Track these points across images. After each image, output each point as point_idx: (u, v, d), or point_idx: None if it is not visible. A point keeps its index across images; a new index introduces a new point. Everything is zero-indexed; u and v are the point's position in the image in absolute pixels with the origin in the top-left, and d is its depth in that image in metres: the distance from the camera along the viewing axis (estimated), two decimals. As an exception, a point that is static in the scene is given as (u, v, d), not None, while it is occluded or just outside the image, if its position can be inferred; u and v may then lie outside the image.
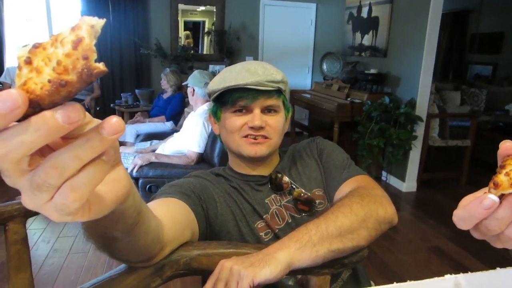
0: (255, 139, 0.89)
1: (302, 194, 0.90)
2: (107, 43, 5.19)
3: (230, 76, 0.89)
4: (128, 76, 5.40)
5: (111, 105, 4.87)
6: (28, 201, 0.28)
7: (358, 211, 0.71)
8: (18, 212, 0.89)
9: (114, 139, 0.28)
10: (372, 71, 4.09)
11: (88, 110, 4.73)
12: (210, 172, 0.98)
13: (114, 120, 0.28)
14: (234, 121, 0.90)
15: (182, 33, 5.72)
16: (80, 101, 4.64)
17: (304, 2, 5.90)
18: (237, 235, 0.87)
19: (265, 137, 0.90)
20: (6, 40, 4.96)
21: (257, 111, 0.89)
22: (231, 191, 0.91)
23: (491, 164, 3.94)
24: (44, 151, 0.28)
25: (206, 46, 5.93)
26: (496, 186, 0.36)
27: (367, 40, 4.47)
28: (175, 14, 5.49)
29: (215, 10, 5.63)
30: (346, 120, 3.90)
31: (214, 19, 5.69)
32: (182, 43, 5.65)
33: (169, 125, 3.89)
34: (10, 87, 4.30)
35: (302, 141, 1.06)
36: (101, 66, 0.26)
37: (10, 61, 4.98)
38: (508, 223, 0.37)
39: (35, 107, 0.25)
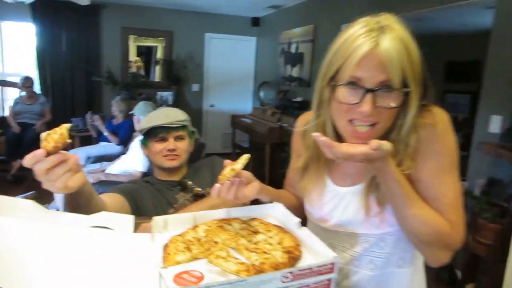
0: (171, 156, 1.42)
1: (199, 192, 1.43)
2: (59, 71, 5.52)
3: (153, 119, 1.44)
4: (79, 102, 5.72)
5: (63, 129, 5.16)
6: (45, 184, 0.75)
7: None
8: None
9: (76, 162, 0.77)
10: (299, 99, 4.78)
11: (38, 133, 4.98)
12: (141, 180, 1.49)
13: (75, 156, 0.78)
14: (158, 146, 1.43)
15: (134, 57, 6.11)
16: (31, 125, 4.90)
17: (245, 35, 6.58)
18: (156, 217, 1.37)
19: (177, 155, 1.43)
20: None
21: (171, 139, 1.43)
22: (154, 191, 1.42)
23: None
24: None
25: (158, 72, 6.35)
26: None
27: (295, 72, 5.19)
28: (125, 45, 5.93)
29: (164, 41, 6.14)
30: (276, 142, 4.52)
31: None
32: (133, 68, 6.05)
33: (118, 148, 4.29)
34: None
35: (205, 159, 1.61)
36: (69, 140, 0.74)
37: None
38: None
39: (48, 154, 0.73)
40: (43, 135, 0.74)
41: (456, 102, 6.84)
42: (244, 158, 0.87)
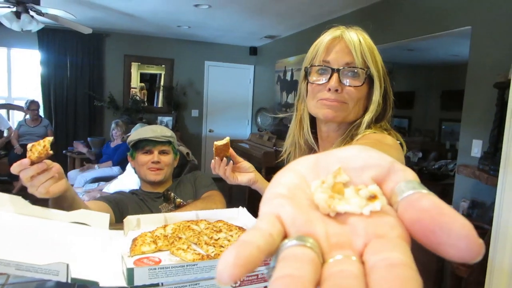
0: (155, 169, 1.53)
1: (181, 203, 1.52)
2: (63, 95, 5.73)
3: (141, 133, 1.55)
4: (82, 125, 5.90)
5: (63, 151, 5.29)
6: (29, 189, 0.88)
7: (199, 205, 1.35)
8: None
9: (58, 170, 0.89)
10: (293, 124, 4.91)
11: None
12: (128, 191, 1.59)
13: (57, 165, 0.89)
14: (143, 158, 1.54)
15: (137, 84, 6.34)
16: (34, 147, 5.04)
17: (243, 64, 6.82)
18: (139, 226, 1.47)
19: (160, 169, 1.54)
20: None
21: (156, 152, 1.54)
22: (139, 201, 1.52)
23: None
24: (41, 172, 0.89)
25: (161, 98, 6.53)
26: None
27: (291, 98, 5.35)
28: (128, 72, 6.17)
29: (165, 69, 6.38)
30: (271, 166, 4.62)
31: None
32: (137, 94, 6.26)
33: (116, 170, 4.40)
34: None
35: (188, 174, 1.71)
36: (51, 152, 0.86)
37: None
38: None
39: (32, 163, 0.86)
40: (29, 146, 0.86)
41: (453, 130, 7.02)
42: (226, 139, 1.01)
